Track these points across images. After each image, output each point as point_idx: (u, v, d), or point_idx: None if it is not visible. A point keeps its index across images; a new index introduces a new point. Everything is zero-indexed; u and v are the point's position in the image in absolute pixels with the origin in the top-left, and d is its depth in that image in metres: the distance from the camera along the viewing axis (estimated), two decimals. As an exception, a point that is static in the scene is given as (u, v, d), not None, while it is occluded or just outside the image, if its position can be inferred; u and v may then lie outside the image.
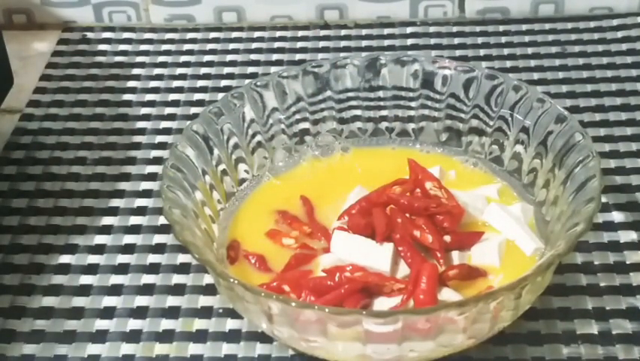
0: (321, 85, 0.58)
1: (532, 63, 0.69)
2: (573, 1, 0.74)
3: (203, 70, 0.71)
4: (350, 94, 0.58)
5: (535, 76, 0.68)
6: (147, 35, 0.76)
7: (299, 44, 0.74)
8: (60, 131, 0.66)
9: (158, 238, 0.57)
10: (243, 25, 0.77)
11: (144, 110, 0.68)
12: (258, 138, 0.57)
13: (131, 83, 0.71)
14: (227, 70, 0.71)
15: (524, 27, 0.73)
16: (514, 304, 0.45)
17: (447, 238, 0.50)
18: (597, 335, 0.49)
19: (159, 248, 0.56)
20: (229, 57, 0.73)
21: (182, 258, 0.55)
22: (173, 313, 0.52)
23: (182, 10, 0.77)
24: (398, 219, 0.51)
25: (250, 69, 0.71)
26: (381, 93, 0.58)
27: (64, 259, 0.56)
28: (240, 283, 0.44)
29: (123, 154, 0.64)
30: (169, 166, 0.50)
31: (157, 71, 0.72)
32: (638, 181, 0.58)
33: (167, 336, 0.51)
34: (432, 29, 0.75)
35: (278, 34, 0.75)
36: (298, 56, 0.73)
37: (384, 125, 0.59)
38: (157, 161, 0.63)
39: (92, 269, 0.55)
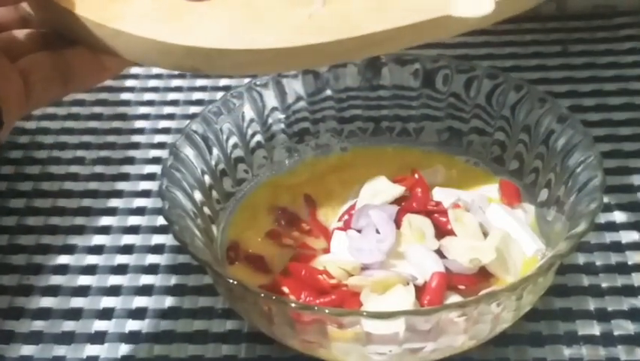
0: (321, 84, 0.58)
1: (534, 62, 0.69)
2: (575, 0, 0.74)
3: (203, 69, 0.71)
4: (350, 93, 0.58)
5: (537, 75, 0.67)
6: (146, 34, 0.76)
7: (299, 43, 0.74)
8: (58, 131, 0.66)
9: (157, 239, 0.57)
10: (242, 24, 0.77)
11: (143, 110, 0.68)
12: (258, 137, 0.57)
13: (129, 82, 0.70)
14: (226, 69, 0.71)
15: (526, 25, 0.73)
16: (515, 305, 0.45)
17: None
18: (599, 336, 0.49)
19: (158, 249, 0.56)
20: (229, 56, 0.73)
21: (181, 258, 0.55)
22: (172, 313, 0.52)
23: (182, 8, 0.77)
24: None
25: (250, 68, 0.71)
26: (381, 92, 0.58)
27: (63, 259, 0.56)
28: (240, 285, 0.43)
29: (122, 154, 0.63)
30: (168, 166, 0.50)
31: (156, 69, 0.71)
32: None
33: (166, 337, 0.51)
34: (432, 28, 0.74)
35: (278, 33, 0.75)
36: (298, 55, 0.72)
37: (384, 124, 0.59)
38: (156, 161, 0.63)
39: (90, 270, 0.55)
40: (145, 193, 0.60)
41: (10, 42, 0.40)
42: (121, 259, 0.56)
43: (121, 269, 0.55)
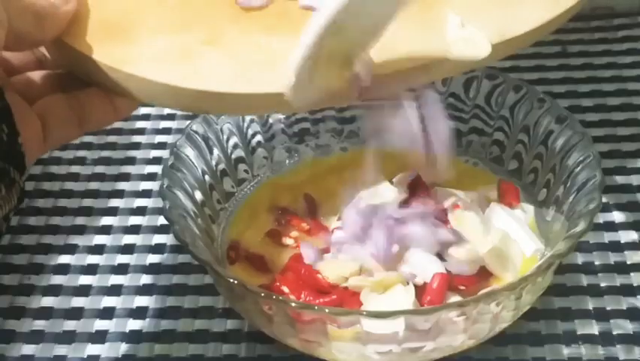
0: (321, 85, 0.58)
1: (533, 63, 0.69)
2: (573, 1, 0.74)
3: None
4: (350, 94, 0.58)
5: (536, 75, 0.68)
6: (147, 35, 0.76)
7: (299, 44, 0.74)
8: (59, 131, 0.66)
9: (158, 238, 0.57)
10: (242, 25, 0.77)
11: (144, 110, 0.68)
12: (258, 137, 0.57)
13: (130, 83, 0.70)
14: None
15: (524, 26, 0.73)
16: (514, 304, 0.45)
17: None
18: (598, 336, 0.49)
19: (159, 248, 0.56)
20: (229, 57, 0.73)
21: (181, 258, 0.55)
22: (173, 313, 0.52)
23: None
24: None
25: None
26: (381, 93, 0.58)
27: (64, 259, 0.56)
28: (240, 284, 0.44)
29: (123, 154, 0.64)
30: (169, 166, 0.50)
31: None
32: (638, 181, 0.58)
33: (167, 336, 0.51)
34: (432, 29, 0.74)
35: (278, 33, 0.75)
36: (298, 56, 0.72)
37: (384, 125, 0.59)
38: (156, 161, 0.63)
39: (91, 269, 0.55)
40: (146, 193, 0.60)
41: (27, 85, 0.41)
42: (122, 258, 0.56)
43: (122, 269, 0.55)
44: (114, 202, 0.60)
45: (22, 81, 0.42)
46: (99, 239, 0.57)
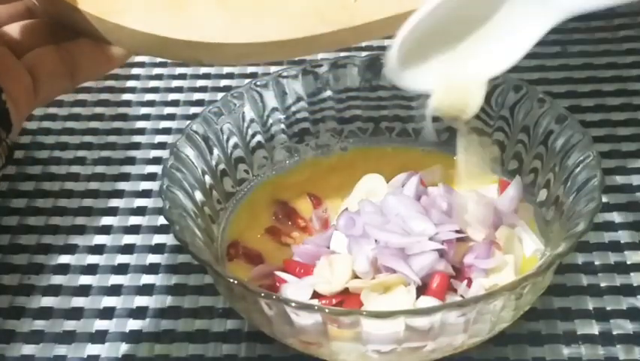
0: (321, 85, 0.58)
1: (533, 63, 0.69)
2: (573, 1, 0.74)
3: (203, 69, 0.71)
4: (350, 94, 0.58)
5: (536, 75, 0.67)
6: (147, 35, 0.76)
7: (299, 44, 0.74)
8: (59, 131, 0.66)
9: (158, 238, 0.57)
10: (242, 25, 0.77)
11: (144, 110, 0.68)
12: (258, 137, 0.57)
13: (130, 83, 0.70)
14: (226, 69, 0.71)
15: (525, 26, 0.73)
16: (514, 304, 0.45)
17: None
18: (598, 336, 0.49)
19: (159, 248, 0.56)
20: (229, 57, 0.73)
21: (181, 258, 0.55)
22: (173, 313, 0.52)
23: (182, 9, 0.77)
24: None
25: (250, 69, 0.71)
26: (381, 93, 0.58)
27: (64, 259, 0.56)
28: (240, 284, 0.44)
29: (122, 154, 0.64)
30: (169, 166, 0.50)
31: (156, 70, 0.72)
32: (638, 181, 0.58)
33: (167, 336, 0.51)
34: (432, 29, 0.74)
35: (278, 33, 0.75)
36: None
37: (384, 124, 0.59)
38: (156, 161, 0.63)
39: (91, 269, 0.55)
40: (146, 193, 0.60)
41: (15, 37, 0.40)
42: (122, 258, 0.56)
43: (122, 269, 0.55)
44: (114, 202, 0.60)
45: (10, 33, 0.40)
46: (99, 239, 0.57)
